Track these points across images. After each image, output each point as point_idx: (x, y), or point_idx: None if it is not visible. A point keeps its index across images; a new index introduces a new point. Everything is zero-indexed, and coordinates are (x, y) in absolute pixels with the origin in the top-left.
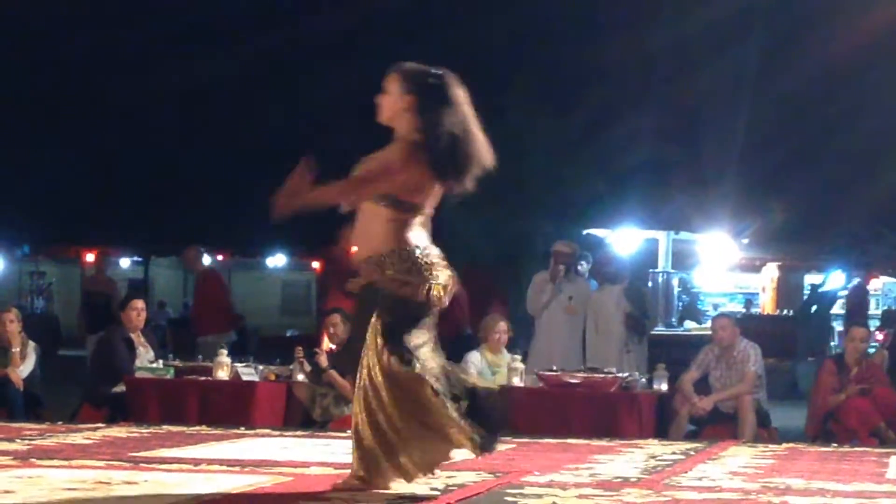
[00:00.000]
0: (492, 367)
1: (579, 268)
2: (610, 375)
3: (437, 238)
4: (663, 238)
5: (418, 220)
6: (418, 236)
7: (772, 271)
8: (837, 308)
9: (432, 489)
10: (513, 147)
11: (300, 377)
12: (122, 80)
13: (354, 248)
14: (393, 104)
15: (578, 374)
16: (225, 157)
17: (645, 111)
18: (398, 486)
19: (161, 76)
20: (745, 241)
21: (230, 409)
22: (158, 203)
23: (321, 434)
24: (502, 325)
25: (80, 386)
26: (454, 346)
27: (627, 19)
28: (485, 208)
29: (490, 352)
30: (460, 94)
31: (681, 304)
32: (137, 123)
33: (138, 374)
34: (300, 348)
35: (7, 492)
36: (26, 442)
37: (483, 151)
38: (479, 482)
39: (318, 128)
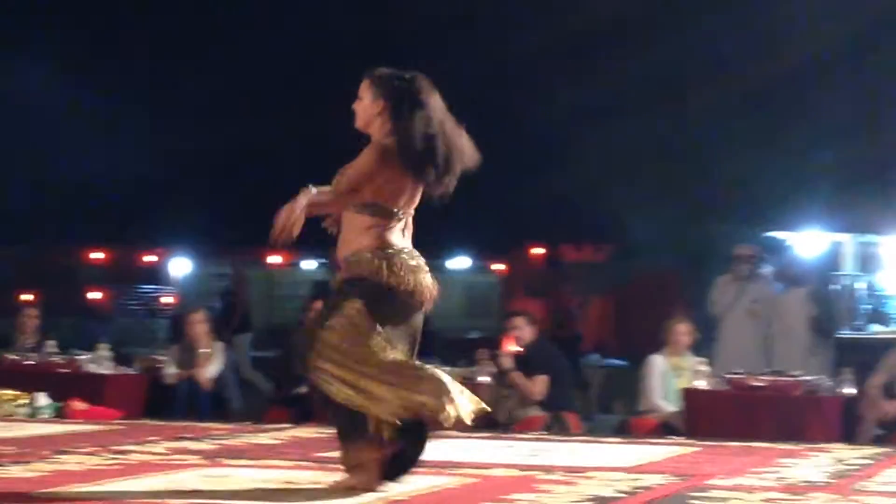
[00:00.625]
0: (675, 369)
1: (761, 270)
2: (795, 378)
3: (619, 241)
4: (848, 241)
5: (398, 224)
6: (399, 239)
7: None
8: None
9: (618, 492)
10: (695, 149)
11: (484, 379)
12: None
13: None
14: (366, 110)
15: (764, 377)
16: None
17: (828, 111)
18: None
19: None
20: None
21: None
22: None
23: (505, 436)
24: (683, 328)
25: (267, 386)
26: (567, 345)
27: (808, 19)
28: (667, 211)
29: (673, 354)
30: (433, 97)
31: (867, 307)
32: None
33: None
34: (483, 350)
35: (195, 490)
36: (214, 441)
37: (462, 150)
38: (664, 485)
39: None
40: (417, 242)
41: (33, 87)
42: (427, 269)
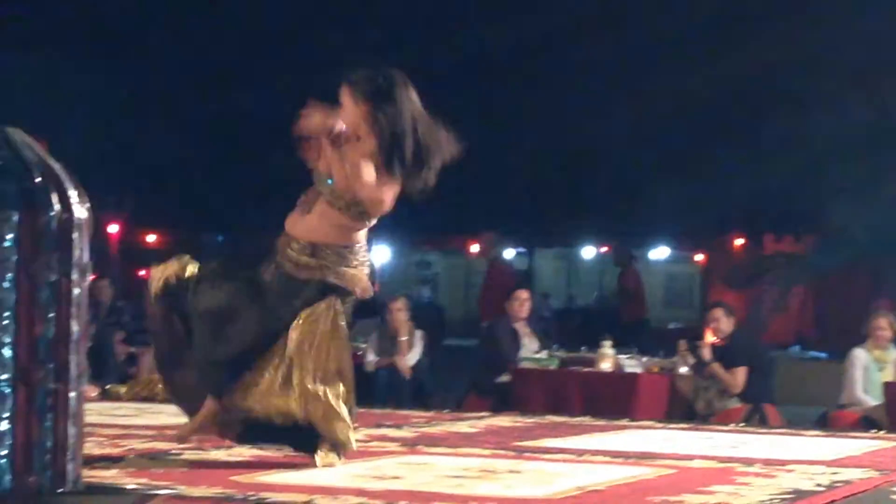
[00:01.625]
0: (878, 363)
1: None
2: None
3: (820, 231)
4: None
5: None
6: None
7: None
8: None
9: (817, 485)
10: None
11: (683, 370)
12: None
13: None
14: (349, 116)
15: None
16: (619, 152)
17: None
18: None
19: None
20: None
21: (614, 401)
22: (543, 195)
23: (704, 427)
24: (883, 321)
25: (465, 375)
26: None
27: None
28: (871, 200)
29: (875, 347)
30: (406, 92)
31: None
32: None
33: (523, 365)
34: (683, 341)
35: (395, 477)
36: (414, 429)
37: (439, 144)
38: (864, 479)
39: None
40: (617, 232)
41: None
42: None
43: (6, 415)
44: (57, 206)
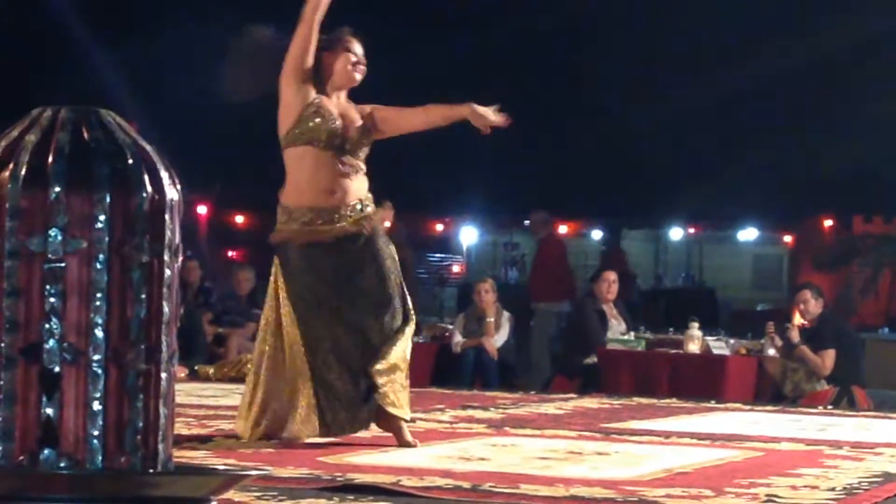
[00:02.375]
0: None
1: None
2: None
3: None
4: None
5: None
6: None
7: None
8: None
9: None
10: None
11: (771, 352)
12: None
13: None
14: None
15: None
16: (708, 130)
17: None
18: None
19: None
20: None
21: (701, 383)
22: (631, 175)
23: (792, 409)
24: None
25: (553, 356)
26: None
27: None
28: None
29: None
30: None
31: None
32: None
33: (610, 346)
34: (771, 323)
35: (482, 458)
36: (500, 410)
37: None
38: None
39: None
40: (706, 213)
41: None
42: None
43: (98, 395)
44: (149, 188)
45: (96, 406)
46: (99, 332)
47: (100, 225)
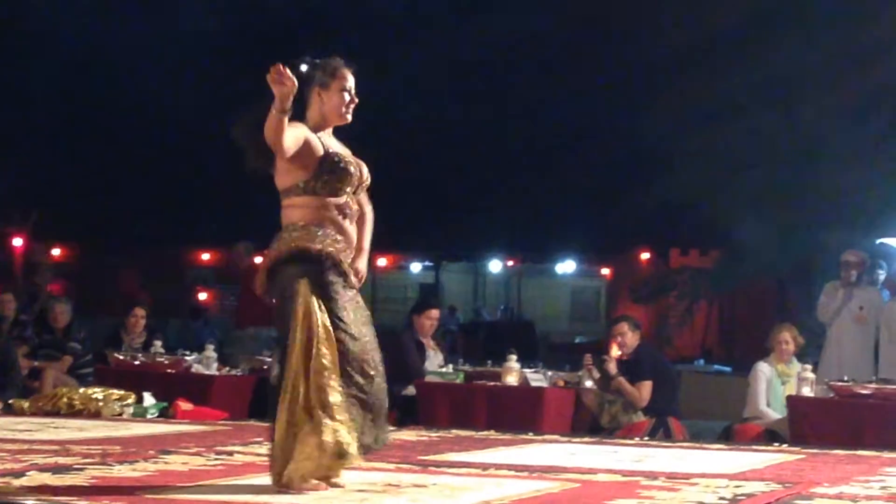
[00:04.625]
0: (781, 376)
1: (878, 276)
2: None
3: (726, 246)
4: None
5: None
6: None
7: None
8: None
9: (721, 499)
10: (805, 155)
11: (588, 384)
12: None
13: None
14: None
15: (870, 385)
16: (518, 165)
17: None
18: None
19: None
20: None
21: (519, 415)
22: (450, 209)
23: (609, 440)
24: (786, 335)
25: None
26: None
27: None
28: (776, 216)
29: (779, 361)
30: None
31: None
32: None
33: (428, 378)
34: (589, 355)
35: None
36: None
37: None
38: (767, 492)
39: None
40: (525, 246)
41: None
42: None
43: None
44: None
45: None
46: None
47: None
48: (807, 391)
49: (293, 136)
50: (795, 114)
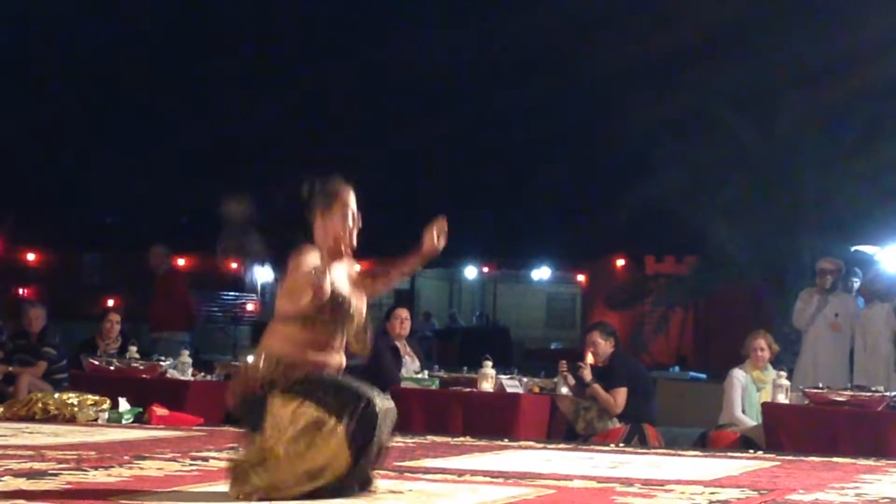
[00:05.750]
0: (756, 383)
1: (853, 284)
2: (878, 394)
3: (702, 253)
4: None
5: None
6: None
7: None
8: None
9: None
10: (782, 162)
11: (564, 390)
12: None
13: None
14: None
15: (845, 392)
16: (493, 172)
17: None
18: None
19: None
20: None
21: (494, 421)
22: (425, 215)
23: (584, 447)
24: (762, 342)
25: None
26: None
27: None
28: (752, 223)
29: (754, 368)
30: None
31: None
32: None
33: (404, 384)
34: (564, 362)
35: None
36: None
37: None
38: (742, 499)
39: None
40: (500, 252)
41: None
42: None
43: None
44: None
45: None
46: None
47: None
48: (782, 398)
49: (328, 280)
50: (770, 121)
